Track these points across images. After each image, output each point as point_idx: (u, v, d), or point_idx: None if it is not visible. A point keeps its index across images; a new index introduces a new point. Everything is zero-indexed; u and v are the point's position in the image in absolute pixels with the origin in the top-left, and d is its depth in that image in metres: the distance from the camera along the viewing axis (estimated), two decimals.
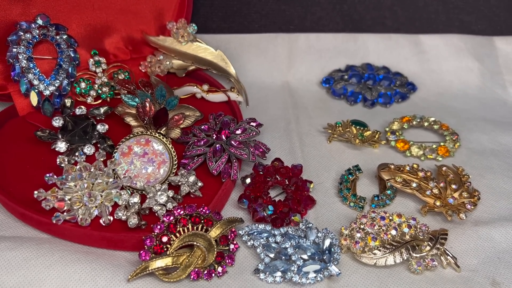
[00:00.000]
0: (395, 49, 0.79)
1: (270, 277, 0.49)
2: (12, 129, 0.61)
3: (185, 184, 0.55)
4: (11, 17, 0.61)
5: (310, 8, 0.79)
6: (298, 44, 0.78)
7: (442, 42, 0.80)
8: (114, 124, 0.62)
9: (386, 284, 0.49)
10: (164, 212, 0.52)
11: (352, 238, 0.52)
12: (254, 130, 0.60)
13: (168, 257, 0.48)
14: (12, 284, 0.46)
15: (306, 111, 0.71)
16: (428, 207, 0.56)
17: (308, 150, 0.65)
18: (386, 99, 0.73)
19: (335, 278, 0.50)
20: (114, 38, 0.69)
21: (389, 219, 0.52)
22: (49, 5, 0.63)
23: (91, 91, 0.65)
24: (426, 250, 0.50)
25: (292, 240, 0.50)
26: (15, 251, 0.48)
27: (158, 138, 0.58)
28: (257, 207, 0.54)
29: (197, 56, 0.70)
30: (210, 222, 0.51)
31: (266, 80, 0.76)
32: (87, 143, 0.58)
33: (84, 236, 0.50)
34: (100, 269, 0.48)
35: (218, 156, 0.57)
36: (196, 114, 0.65)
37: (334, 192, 0.59)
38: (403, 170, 0.58)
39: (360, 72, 0.75)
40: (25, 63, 0.61)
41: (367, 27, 0.80)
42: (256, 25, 0.79)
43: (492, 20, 0.82)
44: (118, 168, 0.56)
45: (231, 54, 0.74)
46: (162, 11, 0.70)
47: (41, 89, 0.61)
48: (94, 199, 0.51)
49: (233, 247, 0.51)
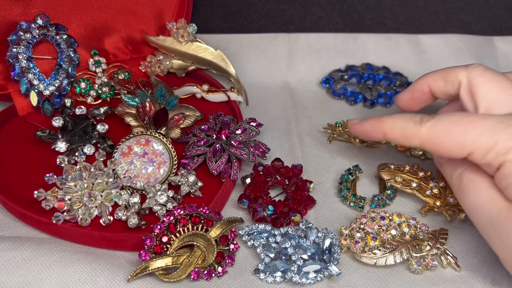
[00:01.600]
0: (395, 49, 0.79)
1: (270, 277, 0.49)
2: (12, 129, 0.61)
3: (185, 184, 0.55)
4: (11, 17, 0.61)
5: (310, 8, 0.79)
6: (298, 44, 0.78)
7: (442, 42, 0.80)
8: (114, 124, 0.62)
9: (386, 284, 0.49)
10: (164, 212, 0.52)
11: (352, 238, 0.52)
12: (254, 130, 0.60)
13: (168, 257, 0.48)
14: (12, 284, 0.46)
15: (306, 111, 0.71)
16: (428, 207, 0.56)
17: (308, 150, 0.65)
18: (386, 99, 0.73)
19: (335, 278, 0.50)
20: (114, 38, 0.69)
21: (389, 219, 0.52)
22: (49, 5, 0.63)
23: (91, 91, 0.65)
24: (426, 250, 0.50)
25: (292, 240, 0.50)
26: (15, 251, 0.48)
27: (158, 138, 0.58)
28: (257, 207, 0.54)
29: (197, 56, 0.70)
30: (210, 222, 0.51)
31: (266, 80, 0.76)
32: (87, 143, 0.58)
33: (84, 236, 0.50)
34: (100, 269, 0.48)
35: (218, 156, 0.57)
36: (196, 114, 0.65)
37: (334, 192, 0.59)
38: (403, 170, 0.58)
39: (360, 72, 0.75)
40: (25, 63, 0.61)
41: (367, 27, 0.80)
42: (256, 25, 0.79)
43: (492, 20, 0.82)
44: (118, 168, 0.56)
45: (231, 54, 0.74)
46: (162, 11, 0.70)
47: (41, 89, 0.61)
48: (94, 199, 0.51)
49: (233, 247, 0.51)
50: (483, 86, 0.49)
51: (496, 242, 0.45)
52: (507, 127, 0.43)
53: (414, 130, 0.47)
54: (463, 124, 0.44)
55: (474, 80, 0.49)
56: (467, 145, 0.44)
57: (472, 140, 0.44)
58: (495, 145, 0.43)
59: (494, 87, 0.48)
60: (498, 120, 0.44)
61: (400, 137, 0.49)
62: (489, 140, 0.43)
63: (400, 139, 0.49)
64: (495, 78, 0.49)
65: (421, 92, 0.56)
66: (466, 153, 0.44)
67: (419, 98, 0.57)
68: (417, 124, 0.47)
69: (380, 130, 0.50)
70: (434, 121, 0.46)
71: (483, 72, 0.49)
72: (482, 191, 0.45)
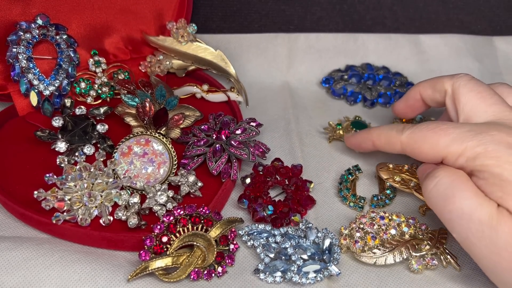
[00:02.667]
0: (395, 49, 0.79)
1: (270, 277, 0.49)
2: (12, 129, 0.61)
3: (185, 184, 0.55)
4: (11, 17, 0.61)
5: (310, 8, 0.79)
6: (298, 44, 0.78)
7: (442, 42, 0.80)
8: (114, 124, 0.62)
9: (386, 284, 0.49)
10: (164, 212, 0.52)
11: (351, 238, 0.52)
12: (254, 130, 0.60)
13: (168, 257, 0.48)
14: (12, 284, 0.46)
15: (306, 111, 0.71)
16: (426, 206, 0.56)
17: (308, 150, 0.65)
18: (386, 99, 0.73)
19: (335, 278, 0.50)
20: (114, 38, 0.69)
21: (388, 219, 0.53)
22: (49, 5, 0.63)
23: (91, 91, 0.65)
24: (426, 249, 0.50)
25: (292, 240, 0.50)
26: (15, 251, 0.48)
27: (158, 138, 0.58)
28: (257, 207, 0.54)
29: (197, 56, 0.70)
30: (210, 222, 0.51)
31: (266, 80, 0.76)
32: (87, 143, 0.58)
33: (84, 236, 0.51)
34: (100, 269, 0.48)
35: (218, 156, 0.57)
36: (196, 114, 0.65)
37: (334, 192, 0.60)
38: (402, 169, 0.58)
39: (360, 72, 0.75)
40: (25, 63, 0.61)
41: (367, 27, 0.80)
42: (256, 25, 0.79)
43: (492, 20, 0.82)
44: (118, 168, 0.56)
45: (231, 54, 0.74)
46: (162, 11, 0.70)
47: (41, 89, 0.61)
48: (94, 199, 0.51)
49: (233, 247, 0.51)
50: (465, 95, 0.52)
51: (483, 251, 0.43)
52: (476, 135, 0.46)
53: (396, 137, 0.52)
54: (437, 131, 0.49)
55: (457, 90, 0.53)
56: (440, 150, 0.48)
57: (444, 145, 0.48)
58: (464, 151, 0.46)
59: (474, 97, 0.51)
60: (469, 128, 0.47)
61: (385, 144, 0.54)
62: (459, 146, 0.47)
63: (385, 146, 0.55)
64: (476, 88, 0.52)
65: (414, 100, 0.60)
66: (440, 157, 0.48)
67: (413, 106, 0.61)
68: (399, 132, 0.52)
69: (369, 139, 0.56)
70: (413, 129, 0.51)
71: (466, 82, 0.52)
72: (469, 197, 0.44)
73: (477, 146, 0.45)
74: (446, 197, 0.45)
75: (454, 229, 0.45)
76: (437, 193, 0.46)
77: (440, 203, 0.46)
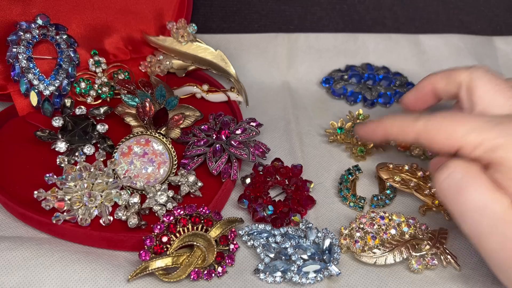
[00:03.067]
0: (395, 49, 0.79)
1: (270, 277, 0.49)
2: (12, 129, 0.61)
3: (185, 184, 0.55)
4: (11, 17, 0.61)
5: (310, 8, 0.79)
6: (298, 44, 0.78)
7: (442, 42, 0.80)
8: (114, 124, 0.62)
9: (386, 284, 0.49)
10: (164, 212, 0.52)
11: (351, 238, 0.52)
12: (254, 130, 0.60)
13: (168, 257, 0.48)
14: (12, 284, 0.46)
15: (306, 111, 0.71)
16: (426, 206, 0.56)
17: (308, 150, 0.65)
18: (386, 99, 0.73)
19: (335, 278, 0.50)
20: (114, 38, 0.69)
21: (388, 219, 0.53)
22: (49, 5, 0.63)
23: (91, 91, 0.65)
24: (426, 249, 0.50)
25: (292, 240, 0.50)
26: (15, 251, 0.48)
27: (158, 138, 0.58)
28: (257, 207, 0.54)
29: (197, 56, 0.70)
30: (210, 222, 0.51)
31: (266, 80, 0.76)
32: (87, 143, 0.58)
33: (84, 236, 0.51)
34: (100, 269, 0.48)
35: (218, 156, 0.57)
36: (196, 114, 0.65)
37: (334, 192, 0.60)
38: (402, 169, 0.58)
39: (360, 72, 0.75)
40: (25, 63, 0.61)
41: (367, 27, 0.80)
42: (256, 25, 0.79)
43: (492, 20, 0.82)
44: (118, 168, 0.56)
45: (231, 54, 0.74)
46: (162, 11, 0.70)
47: (41, 89, 0.61)
48: (94, 199, 0.51)
49: (233, 247, 0.51)
50: (481, 87, 0.50)
51: (494, 246, 0.43)
52: (495, 126, 0.44)
53: (411, 125, 0.49)
54: (454, 120, 0.46)
55: (473, 82, 0.51)
56: (456, 140, 0.46)
57: (461, 135, 0.45)
58: (483, 142, 0.44)
59: (491, 89, 0.50)
60: (487, 119, 0.45)
61: (398, 132, 0.51)
62: (477, 137, 0.44)
63: (398, 134, 0.52)
64: (493, 80, 0.50)
65: (425, 92, 0.58)
66: (455, 147, 0.46)
67: (423, 98, 0.58)
68: (414, 120, 0.49)
69: (381, 127, 0.53)
70: (428, 117, 0.48)
71: (483, 74, 0.51)
72: (483, 190, 0.43)
73: (498, 138, 0.43)
74: (459, 189, 0.44)
75: (465, 222, 0.44)
76: (449, 184, 0.45)
77: (451, 195, 0.45)
